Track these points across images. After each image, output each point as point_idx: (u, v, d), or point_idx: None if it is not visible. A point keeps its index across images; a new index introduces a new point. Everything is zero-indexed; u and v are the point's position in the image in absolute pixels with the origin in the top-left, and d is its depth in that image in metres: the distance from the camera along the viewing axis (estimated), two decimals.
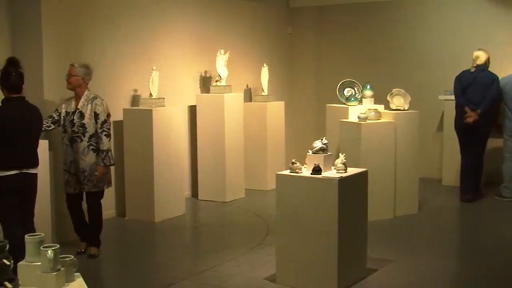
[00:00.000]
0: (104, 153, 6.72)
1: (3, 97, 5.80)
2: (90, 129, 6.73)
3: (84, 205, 7.01)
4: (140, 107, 8.74)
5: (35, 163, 5.81)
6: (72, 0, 7.71)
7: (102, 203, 7.02)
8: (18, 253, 3.69)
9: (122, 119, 8.62)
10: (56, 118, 6.82)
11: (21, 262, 3.62)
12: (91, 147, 6.72)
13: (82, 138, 6.71)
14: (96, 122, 6.73)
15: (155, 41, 9.37)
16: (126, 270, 6.73)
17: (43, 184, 6.28)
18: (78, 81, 6.77)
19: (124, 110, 8.66)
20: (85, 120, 6.72)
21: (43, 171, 6.24)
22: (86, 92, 6.82)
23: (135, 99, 8.99)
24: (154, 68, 8.75)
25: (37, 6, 7.33)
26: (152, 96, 8.74)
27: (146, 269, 6.63)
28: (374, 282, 6.12)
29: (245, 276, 6.27)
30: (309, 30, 12.59)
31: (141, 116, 8.51)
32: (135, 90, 9.01)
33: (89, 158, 6.72)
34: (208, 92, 10.02)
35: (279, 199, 5.93)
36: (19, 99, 5.77)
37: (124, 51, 8.82)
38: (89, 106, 6.75)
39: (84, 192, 6.87)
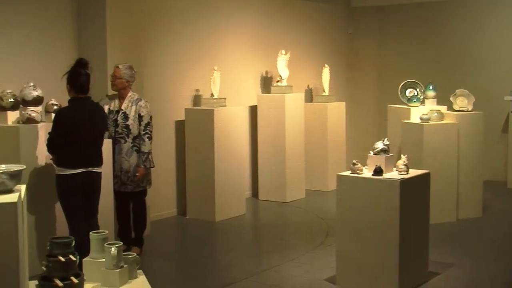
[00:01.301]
0: (145, 156, 6.75)
1: (66, 97, 5.91)
2: (134, 131, 6.77)
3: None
4: (202, 107, 8.82)
5: (99, 162, 5.92)
6: (135, 3, 7.83)
7: (148, 203, 7.05)
8: (83, 249, 3.78)
9: (184, 118, 8.72)
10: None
11: (86, 258, 3.71)
12: (135, 148, 6.77)
13: (126, 139, 6.77)
14: (140, 124, 6.76)
15: (217, 42, 9.45)
16: (186, 269, 6.80)
17: (106, 183, 6.38)
18: (122, 84, 6.82)
19: (186, 110, 8.76)
20: (129, 122, 6.77)
21: (106, 170, 6.35)
22: (130, 93, 6.86)
23: (196, 99, 9.08)
24: (216, 68, 8.83)
25: (103, 10, 7.47)
26: (213, 96, 8.81)
27: (206, 268, 6.69)
28: (435, 286, 6.02)
29: (305, 277, 6.25)
30: (370, 30, 12.48)
31: (202, 116, 8.59)
32: (197, 90, 9.11)
33: (133, 159, 6.77)
34: (269, 93, 10.04)
35: (340, 200, 5.90)
36: (85, 100, 5.87)
37: (186, 52, 8.93)
38: (133, 107, 6.78)
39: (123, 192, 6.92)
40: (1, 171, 3.26)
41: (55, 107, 6.51)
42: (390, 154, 5.88)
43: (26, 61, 7.10)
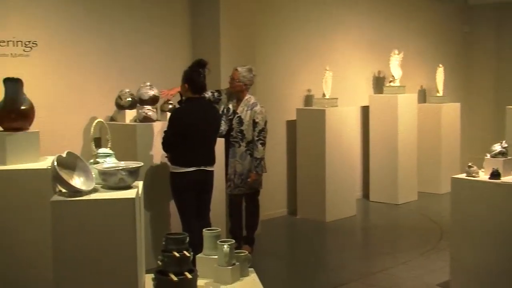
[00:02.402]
0: (258, 161, 6.75)
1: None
2: (248, 136, 6.78)
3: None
4: (314, 107, 8.82)
5: (212, 161, 6.01)
6: (248, 5, 7.91)
7: (260, 202, 7.08)
8: (195, 245, 3.84)
9: (295, 118, 8.73)
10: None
11: (199, 255, 3.77)
12: (248, 152, 6.79)
13: (240, 143, 6.79)
14: (254, 130, 6.77)
15: (329, 42, 9.41)
16: (296, 268, 6.80)
17: (219, 181, 6.48)
18: (240, 87, 6.84)
19: (298, 110, 8.77)
20: (244, 127, 6.78)
21: (219, 168, 6.44)
22: (246, 97, 6.85)
23: (308, 99, 9.08)
24: (328, 68, 8.79)
25: (216, 12, 7.59)
26: (325, 96, 8.78)
27: (316, 268, 6.67)
28: None
29: (417, 281, 6.11)
30: (488, 29, 12.03)
31: (314, 116, 8.57)
32: (309, 90, 9.10)
33: (247, 163, 6.79)
34: (381, 93, 9.91)
35: (454, 203, 5.71)
36: (200, 99, 5.98)
37: (298, 52, 8.94)
38: (249, 112, 6.78)
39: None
40: (120, 168, 3.37)
41: (170, 106, 6.69)
42: (509, 157, 5.64)
43: (143, 61, 7.33)
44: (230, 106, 6.86)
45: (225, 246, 3.60)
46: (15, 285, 3.89)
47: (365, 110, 9.88)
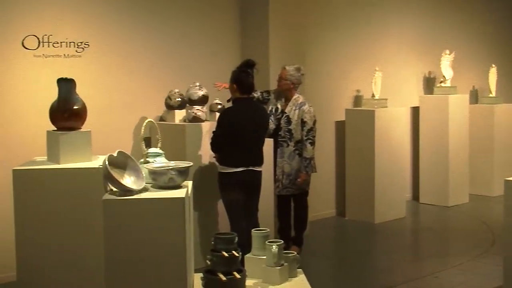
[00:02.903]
0: (307, 161, 6.71)
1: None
2: (297, 135, 6.75)
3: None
4: (363, 108, 8.76)
5: (260, 161, 6.01)
6: (297, 5, 7.89)
7: (308, 203, 7.06)
8: (244, 245, 3.85)
9: (344, 119, 8.68)
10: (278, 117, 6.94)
11: (248, 255, 3.78)
12: (297, 151, 6.77)
13: (289, 143, 6.77)
14: (302, 129, 6.73)
15: (379, 42, 9.32)
16: (344, 269, 6.76)
17: (267, 181, 6.48)
18: (287, 86, 6.81)
19: (347, 110, 8.72)
20: (292, 126, 6.75)
21: (267, 168, 6.44)
22: (295, 96, 6.81)
23: (357, 100, 9.02)
24: (377, 68, 8.72)
25: (265, 11, 7.60)
26: (374, 96, 8.72)
27: (364, 270, 6.62)
28: None
29: (467, 285, 6.00)
30: None
31: (363, 117, 8.51)
32: (358, 91, 9.04)
33: (295, 163, 6.76)
34: (432, 93, 9.78)
35: (507, 206, 5.57)
36: (249, 100, 5.99)
37: (347, 52, 8.89)
38: (297, 111, 6.75)
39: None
40: (170, 168, 3.40)
41: (219, 107, 6.72)
42: None
43: (192, 62, 7.38)
44: (279, 105, 6.86)
45: (273, 246, 3.60)
46: (66, 282, 3.95)
47: (415, 111, 9.76)
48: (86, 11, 6.59)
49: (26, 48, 6.20)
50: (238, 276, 3.27)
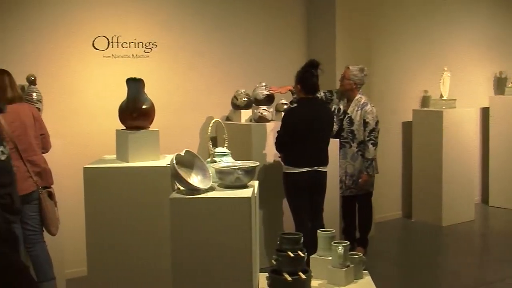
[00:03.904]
0: (369, 162, 6.65)
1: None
2: (359, 136, 6.70)
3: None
4: (430, 108, 8.61)
5: (325, 161, 5.98)
6: (364, 4, 7.82)
7: (373, 204, 6.97)
8: (308, 245, 3.83)
9: (411, 119, 8.56)
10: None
11: (313, 255, 3.76)
12: (360, 152, 6.72)
13: (351, 144, 6.73)
14: (365, 130, 6.68)
15: (447, 42, 9.16)
16: (411, 272, 6.65)
17: (332, 181, 6.44)
18: (350, 85, 6.76)
19: (414, 111, 8.60)
20: (354, 127, 6.71)
21: (333, 168, 6.41)
22: (357, 96, 6.76)
23: (425, 100, 8.88)
24: (446, 68, 8.56)
25: (332, 11, 7.56)
26: (442, 97, 8.56)
27: (431, 273, 6.50)
28: None
29: None
30: None
31: (430, 117, 8.37)
32: (425, 91, 8.90)
33: (358, 164, 6.71)
34: (503, 94, 9.53)
35: None
36: (313, 100, 5.97)
37: (415, 52, 8.76)
38: (359, 112, 6.70)
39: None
40: (237, 167, 3.41)
41: (285, 106, 6.71)
42: None
43: (259, 62, 7.41)
44: (341, 106, 6.82)
45: (339, 247, 3.57)
46: (133, 278, 4.02)
47: (485, 112, 9.55)
48: (154, 12, 6.69)
49: (96, 49, 6.35)
50: (303, 276, 3.26)
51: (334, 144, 6.50)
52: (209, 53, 7.07)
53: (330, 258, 3.65)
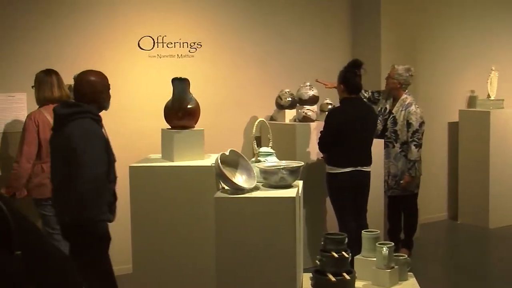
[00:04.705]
0: (411, 163, 6.55)
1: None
2: (402, 137, 6.62)
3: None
4: (477, 109, 8.47)
5: (369, 161, 5.94)
6: (409, 5, 7.74)
7: (418, 206, 6.89)
8: (352, 246, 3.82)
9: (457, 120, 8.44)
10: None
11: (357, 256, 3.74)
12: (403, 153, 6.63)
13: (394, 144, 6.65)
14: (408, 131, 6.59)
15: (494, 41, 8.99)
16: (456, 275, 6.56)
17: (377, 182, 6.40)
18: (394, 85, 6.70)
19: (460, 111, 8.47)
20: (398, 127, 6.63)
21: (377, 169, 6.36)
22: (403, 96, 6.68)
23: (472, 100, 8.74)
24: (493, 68, 8.41)
25: (377, 11, 7.50)
26: (490, 97, 8.41)
27: (477, 277, 6.39)
28: None
29: None
30: None
31: (478, 118, 8.24)
32: (472, 91, 8.76)
33: (401, 164, 6.63)
34: None
35: None
36: (356, 99, 5.94)
37: (461, 52, 8.63)
38: (403, 112, 6.61)
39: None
40: (281, 167, 3.42)
41: (330, 106, 6.69)
42: None
43: (302, 61, 7.39)
44: (387, 105, 6.77)
45: (384, 248, 3.54)
46: (178, 276, 4.05)
47: None
48: (199, 12, 6.74)
49: (142, 49, 6.41)
50: (347, 277, 3.24)
51: (378, 144, 6.45)
52: (253, 53, 7.08)
53: (375, 259, 3.62)
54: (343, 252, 3.30)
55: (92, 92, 4.04)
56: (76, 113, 3.90)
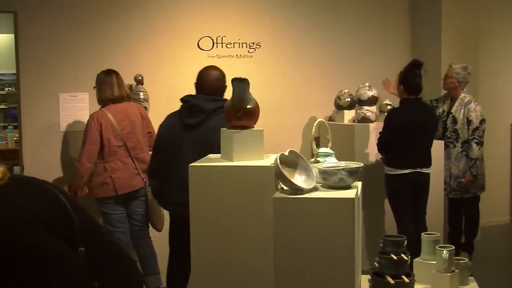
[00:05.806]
0: (473, 162, 6.46)
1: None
2: (463, 135, 6.53)
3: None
4: None
5: (428, 163, 5.87)
6: (471, 4, 7.60)
7: (480, 208, 6.75)
8: (411, 248, 3.77)
9: None
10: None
11: (417, 259, 3.70)
12: (464, 153, 6.52)
13: (455, 144, 6.56)
14: (468, 129, 6.50)
15: None
16: None
17: (437, 184, 6.31)
18: (452, 84, 6.61)
19: None
20: (458, 126, 6.54)
21: (437, 171, 6.27)
22: (461, 95, 6.60)
23: None
24: None
25: (438, 11, 7.40)
26: None
27: None
28: None
29: None
30: None
31: None
32: None
33: (463, 164, 6.52)
34: None
35: None
36: (416, 100, 5.88)
37: None
38: (462, 111, 6.53)
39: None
40: (340, 168, 3.40)
41: (389, 107, 6.63)
42: None
43: (362, 62, 7.35)
44: (444, 107, 6.69)
45: (444, 251, 3.49)
46: (236, 277, 4.08)
47: None
48: (258, 13, 6.76)
49: (201, 49, 6.48)
50: (406, 280, 3.21)
51: (438, 145, 6.36)
52: (311, 53, 7.07)
53: (434, 262, 3.57)
54: (402, 255, 3.27)
55: (223, 86, 4.54)
56: (220, 107, 4.19)
